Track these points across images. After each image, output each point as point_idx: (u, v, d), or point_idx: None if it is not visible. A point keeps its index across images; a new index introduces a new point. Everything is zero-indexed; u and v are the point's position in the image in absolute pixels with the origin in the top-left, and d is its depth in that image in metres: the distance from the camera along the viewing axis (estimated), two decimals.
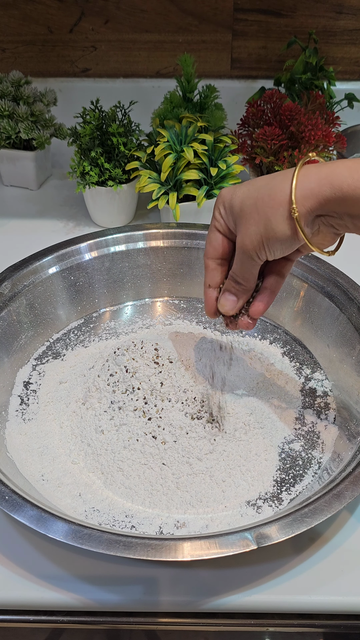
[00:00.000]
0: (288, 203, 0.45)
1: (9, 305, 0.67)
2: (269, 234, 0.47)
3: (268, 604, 0.48)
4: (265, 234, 0.47)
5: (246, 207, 0.48)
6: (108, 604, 0.48)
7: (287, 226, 0.46)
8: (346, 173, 0.43)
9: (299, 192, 0.45)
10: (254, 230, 0.48)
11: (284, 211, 0.46)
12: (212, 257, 0.54)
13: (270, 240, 0.48)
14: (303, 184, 0.45)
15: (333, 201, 0.44)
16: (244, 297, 0.54)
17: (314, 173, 0.45)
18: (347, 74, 1.08)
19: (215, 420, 0.59)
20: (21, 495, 0.49)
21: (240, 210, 0.48)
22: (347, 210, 0.45)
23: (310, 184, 0.45)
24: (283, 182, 0.46)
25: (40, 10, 1.02)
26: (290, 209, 0.45)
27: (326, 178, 0.44)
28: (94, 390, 0.62)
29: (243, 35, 1.04)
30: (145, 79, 1.09)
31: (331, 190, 0.44)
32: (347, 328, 0.66)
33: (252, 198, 0.48)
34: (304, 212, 0.45)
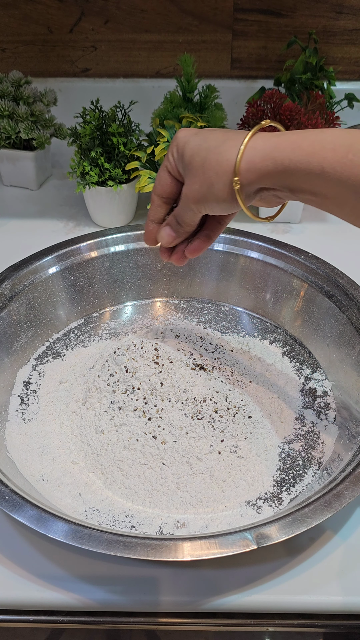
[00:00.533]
0: (231, 174, 0.47)
1: (9, 305, 0.67)
2: (209, 197, 0.49)
3: (268, 604, 0.48)
4: (207, 195, 0.49)
5: (195, 162, 0.49)
6: (108, 604, 0.48)
7: (228, 194, 0.48)
8: (289, 148, 0.44)
9: (243, 165, 0.46)
10: (197, 188, 0.49)
11: (226, 179, 0.47)
12: (158, 194, 0.55)
13: (210, 202, 0.50)
14: (248, 156, 0.46)
15: (275, 175, 0.45)
16: (182, 235, 0.56)
17: (260, 145, 0.46)
18: (347, 74, 1.08)
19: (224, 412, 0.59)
20: (21, 495, 0.49)
21: (189, 163, 0.50)
22: (287, 184, 0.46)
23: (255, 157, 0.46)
24: (232, 149, 0.47)
25: (40, 10, 1.02)
26: (232, 179, 0.47)
27: (270, 152, 0.45)
28: (94, 390, 0.62)
29: (243, 35, 1.04)
30: (145, 79, 1.09)
31: (273, 164, 0.45)
32: (347, 328, 0.66)
33: (201, 157, 0.49)
34: (245, 183, 0.47)
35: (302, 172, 0.44)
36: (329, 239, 0.88)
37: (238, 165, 0.46)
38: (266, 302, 0.75)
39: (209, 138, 0.49)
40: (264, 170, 0.46)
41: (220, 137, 0.49)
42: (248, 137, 0.46)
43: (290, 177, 0.45)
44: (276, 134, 0.47)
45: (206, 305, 0.77)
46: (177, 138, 0.52)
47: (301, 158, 0.44)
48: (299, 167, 0.44)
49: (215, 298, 0.77)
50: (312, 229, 0.92)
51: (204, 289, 0.78)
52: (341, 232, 0.90)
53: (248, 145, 0.46)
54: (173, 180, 0.54)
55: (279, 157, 0.45)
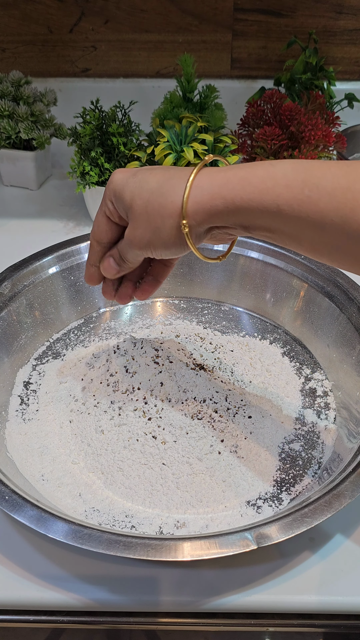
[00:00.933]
0: (178, 216, 0.44)
1: (9, 305, 0.67)
2: (155, 242, 0.46)
3: (268, 604, 0.48)
4: (153, 240, 0.46)
5: (136, 205, 0.46)
6: (108, 604, 0.48)
7: (176, 237, 0.45)
8: (239, 185, 0.42)
9: (190, 206, 0.43)
10: (142, 233, 0.47)
11: (173, 222, 0.45)
12: (97, 240, 0.52)
13: (157, 247, 0.47)
14: (195, 196, 0.43)
15: (226, 214, 0.43)
16: (124, 270, 0.53)
17: (206, 183, 0.43)
18: (347, 74, 1.08)
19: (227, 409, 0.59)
20: (21, 495, 0.49)
21: (130, 207, 0.47)
22: (240, 222, 0.43)
23: (203, 197, 0.43)
24: (175, 189, 0.44)
25: (40, 10, 1.02)
26: (180, 222, 0.44)
27: (219, 191, 0.43)
28: (94, 390, 0.62)
29: (243, 35, 1.04)
30: (145, 79, 1.09)
31: (223, 203, 0.42)
32: (347, 328, 0.66)
33: (142, 199, 0.46)
34: (194, 225, 0.44)
35: (255, 210, 0.42)
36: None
37: (185, 207, 0.43)
38: (266, 302, 0.75)
39: (148, 179, 0.46)
40: (214, 210, 0.43)
41: (160, 176, 0.46)
42: (192, 176, 0.44)
43: (243, 216, 0.43)
44: (222, 169, 0.44)
45: (206, 305, 0.77)
46: (112, 181, 0.48)
47: (253, 196, 0.41)
48: (252, 205, 0.42)
49: (215, 298, 0.77)
50: None
51: (204, 289, 0.78)
52: None
53: (193, 184, 0.43)
54: (112, 225, 0.51)
55: (229, 196, 0.42)
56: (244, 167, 0.43)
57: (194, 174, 0.44)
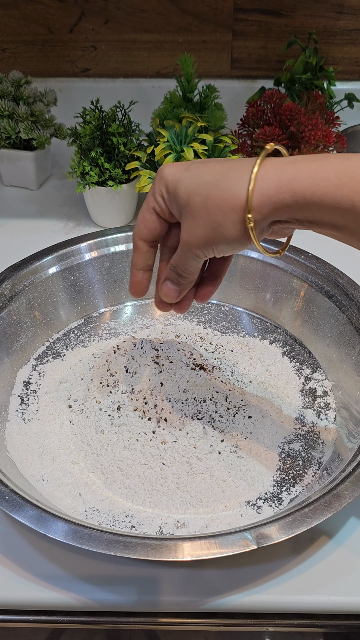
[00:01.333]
0: (242, 210, 0.41)
1: (9, 305, 0.67)
2: (218, 238, 0.44)
3: (268, 604, 0.48)
4: (214, 238, 0.44)
5: (194, 203, 0.43)
6: (108, 604, 0.48)
7: (239, 232, 0.43)
8: (310, 179, 0.39)
9: (255, 199, 0.41)
10: (201, 231, 0.44)
11: (236, 217, 0.42)
12: (144, 239, 0.49)
13: (219, 244, 0.44)
14: (261, 189, 0.40)
15: (294, 208, 0.41)
16: (186, 287, 0.50)
17: (272, 175, 0.41)
18: (347, 74, 1.08)
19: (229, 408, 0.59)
20: (21, 495, 0.49)
21: (187, 205, 0.44)
22: (308, 217, 0.41)
23: (269, 190, 0.40)
24: (237, 182, 0.41)
25: (40, 10, 1.02)
26: (244, 216, 0.42)
27: (288, 183, 0.40)
28: (94, 390, 0.62)
29: (243, 35, 1.04)
30: (145, 79, 1.09)
31: (293, 197, 0.40)
32: (347, 328, 0.66)
33: (200, 195, 0.43)
34: (259, 219, 0.41)
35: (328, 206, 0.39)
36: (329, 239, 0.88)
37: (250, 200, 0.40)
38: (266, 302, 0.75)
39: (204, 173, 0.43)
40: (281, 203, 0.40)
41: (217, 169, 0.43)
42: (257, 167, 0.41)
43: (313, 211, 0.40)
44: (289, 160, 0.41)
45: (206, 305, 0.77)
46: (163, 176, 0.45)
47: (327, 190, 0.39)
48: (324, 200, 0.39)
49: (215, 298, 0.77)
50: None
51: None
52: None
53: (258, 175, 0.40)
54: (161, 222, 0.48)
55: (300, 190, 0.40)
56: (314, 159, 0.40)
57: (257, 165, 0.41)
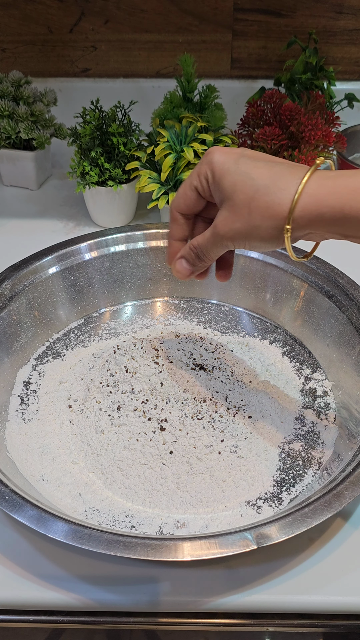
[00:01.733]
0: (282, 219, 0.43)
1: (9, 305, 0.67)
2: (252, 237, 0.46)
3: (268, 604, 0.48)
4: (249, 236, 0.46)
5: (238, 199, 0.45)
6: (108, 604, 0.48)
7: (274, 237, 0.45)
8: (349, 195, 0.41)
9: (297, 212, 0.43)
10: (239, 227, 0.45)
11: (274, 224, 0.44)
12: (182, 211, 0.51)
13: (252, 242, 0.46)
14: (303, 203, 0.43)
15: (331, 222, 0.43)
16: (199, 270, 0.53)
17: (314, 190, 0.43)
18: (347, 74, 1.08)
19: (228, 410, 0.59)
20: (21, 495, 0.49)
21: (230, 198, 0.45)
22: (343, 231, 0.43)
23: (310, 205, 0.42)
24: (283, 192, 0.43)
25: (40, 10, 1.02)
26: (283, 225, 0.44)
27: (326, 199, 0.42)
28: (94, 390, 0.62)
29: (243, 35, 1.04)
30: (145, 79, 1.09)
31: (331, 212, 0.42)
32: (347, 328, 0.66)
33: (246, 194, 0.44)
34: (296, 228, 0.44)
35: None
36: (329, 239, 0.88)
37: (293, 212, 0.43)
38: (266, 302, 0.75)
39: (254, 174, 0.45)
40: (319, 217, 0.42)
41: (267, 173, 0.44)
42: (305, 179, 0.43)
43: (349, 225, 0.42)
44: (330, 175, 0.43)
45: (206, 305, 0.77)
46: (212, 161, 0.47)
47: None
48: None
49: (215, 298, 0.78)
50: None
51: (204, 289, 0.78)
52: None
53: (303, 190, 0.42)
54: (200, 200, 0.50)
55: (338, 205, 0.42)
56: (354, 174, 0.42)
57: (306, 178, 0.43)
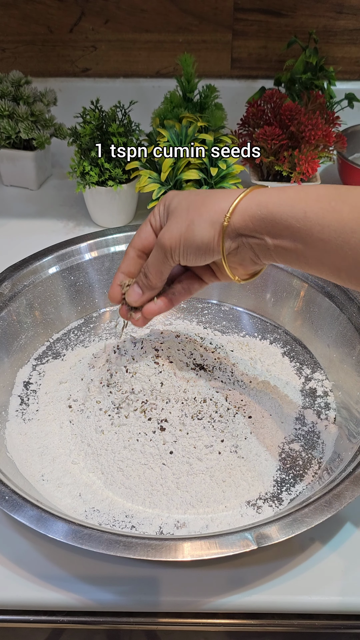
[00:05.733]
0: (216, 212, 0.48)
1: (9, 305, 0.67)
2: (188, 235, 0.49)
3: (268, 604, 0.48)
4: (185, 234, 0.49)
5: (179, 207, 0.50)
6: (108, 604, 0.48)
7: (208, 232, 0.48)
8: (274, 194, 0.46)
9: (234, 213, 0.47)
10: (176, 227, 0.49)
11: (208, 217, 0.48)
12: (134, 247, 0.55)
13: (187, 241, 0.49)
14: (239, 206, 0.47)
15: (258, 218, 0.46)
16: (148, 293, 0.55)
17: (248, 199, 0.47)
18: (347, 74, 1.08)
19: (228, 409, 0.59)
20: (21, 495, 0.49)
21: (173, 211, 0.50)
22: (269, 229, 0.46)
23: (241, 206, 0.47)
24: (220, 200, 0.48)
25: (40, 10, 1.02)
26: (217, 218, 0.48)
27: (256, 197, 0.47)
28: (94, 390, 0.62)
29: (243, 35, 1.04)
30: (145, 79, 1.09)
31: (257, 206, 0.46)
32: (347, 328, 0.66)
33: (187, 201, 0.50)
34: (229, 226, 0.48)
35: (285, 215, 0.45)
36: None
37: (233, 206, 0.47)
38: (266, 302, 0.75)
39: (195, 194, 0.51)
40: (247, 212, 0.47)
41: (205, 192, 0.51)
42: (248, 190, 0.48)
43: (273, 221, 0.46)
44: (259, 190, 0.48)
45: (206, 305, 0.77)
46: (165, 197, 0.53)
47: (285, 201, 0.45)
48: (283, 210, 0.45)
49: (215, 298, 0.78)
50: None
51: (204, 289, 0.77)
52: None
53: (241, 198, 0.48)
54: (153, 235, 0.54)
55: (263, 201, 0.46)
56: (277, 189, 0.48)
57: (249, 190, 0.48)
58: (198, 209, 0.49)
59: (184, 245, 0.50)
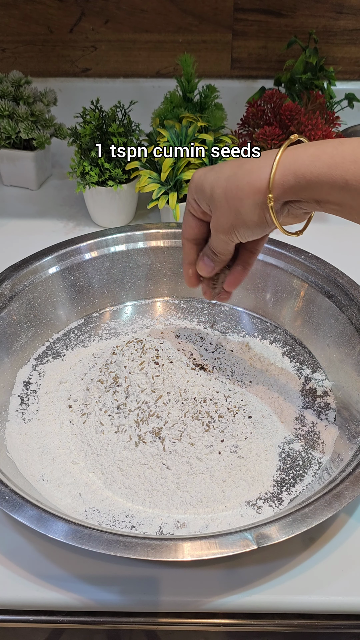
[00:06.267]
0: (258, 194, 0.47)
1: (9, 305, 0.67)
2: (239, 224, 0.50)
3: (268, 604, 0.48)
4: (236, 224, 0.50)
5: (216, 195, 0.50)
6: (108, 604, 0.48)
7: (257, 215, 0.48)
8: (308, 161, 0.45)
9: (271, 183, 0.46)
10: (225, 220, 0.50)
11: (252, 202, 0.48)
12: (187, 238, 0.57)
13: (240, 228, 0.50)
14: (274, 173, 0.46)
15: (297, 189, 0.46)
16: (219, 265, 0.57)
17: (281, 163, 0.46)
18: (347, 74, 1.08)
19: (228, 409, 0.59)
20: (21, 495, 0.49)
21: (211, 198, 0.50)
22: (313, 196, 0.46)
23: (275, 175, 0.46)
24: (252, 172, 0.47)
25: (40, 10, 1.02)
26: (259, 200, 0.47)
27: (289, 167, 0.45)
28: (94, 390, 0.62)
29: (243, 35, 1.04)
30: (145, 79, 1.09)
31: (295, 179, 0.45)
32: (347, 328, 0.66)
33: (221, 187, 0.49)
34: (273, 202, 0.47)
35: (325, 185, 0.44)
36: (329, 239, 0.88)
37: (272, 183, 0.46)
38: (266, 302, 0.75)
39: (223, 169, 0.50)
40: (286, 185, 0.46)
41: (234, 165, 0.50)
42: (279, 154, 0.46)
43: (314, 190, 0.45)
44: (293, 148, 0.47)
45: (206, 305, 0.77)
46: (193, 180, 0.53)
47: (322, 171, 0.44)
48: (322, 179, 0.44)
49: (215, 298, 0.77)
50: (312, 229, 0.91)
51: None
52: (341, 232, 0.90)
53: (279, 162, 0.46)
54: (198, 222, 0.55)
55: (300, 171, 0.45)
56: (313, 144, 0.46)
57: (280, 153, 0.46)
58: (237, 197, 0.48)
59: (239, 232, 0.51)
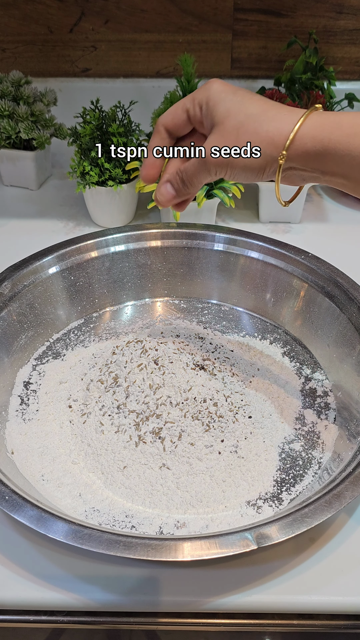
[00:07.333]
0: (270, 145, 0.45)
1: (9, 305, 0.67)
2: (238, 163, 0.46)
3: (268, 604, 0.48)
4: (235, 160, 0.46)
5: (228, 123, 0.46)
6: (108, 604, 0.48)
7: (259, 162, 0.46)
8: (328, 128, 0.43)
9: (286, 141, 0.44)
10: None
11: (263, 147, 0.45)
12: (165, 125, 0.51)
13: (237, 167, 0.47)
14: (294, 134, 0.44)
15: (312, 154, 0.44)
16: (182, 197, 0.52)
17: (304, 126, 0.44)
18: (347, 74, 1.08)
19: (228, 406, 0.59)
20: (21, 495, 0.49)
21: (220, 122, 0.46)
22: (321, 166, 0.45)
23: (297, 136, 0.44)
24: (273, 121, 0.45)
25: (40, 10, 1.02)
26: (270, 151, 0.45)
27: (308, 131, 0.44)
28: (94, 390, 0.62)
29: (243, 35, 1.04)
30: (145, 79, 1.09)
31: (312, 143, 0.44)
32: (347, 328, 0.66)
33: (237, 120, 0.46)
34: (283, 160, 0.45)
35: (340, 153, 0.43)
36: (329, 239, 0.88)
37: (290, 140, 0.44)
38: (266, 302, 0.75)
39: (248, 103, 0.46)
40: (302, 148, 0.44)
41: (260, 105, 0.46)
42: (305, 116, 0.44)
43: (327, 158, 0.44)
44: (315, 114, 0.45)
45: (206, 305, 0.77)
46: (210, 88, 0.47)
47: (341, 139, 0.43)
48: (338, 147, 0.43)
49: (215, 298, 0.78)
50: (312, 229, 0.92)
51: (204, 289, 0.78)
52: (341, 232, 0.90)
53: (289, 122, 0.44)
54: (187, 123, 0.50)
55: (319, 136, 0.43)
56: (334, 113, 0.44)
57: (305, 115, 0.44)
58: (252, 133, 0.45)
59: (231, 168, 0.47)
